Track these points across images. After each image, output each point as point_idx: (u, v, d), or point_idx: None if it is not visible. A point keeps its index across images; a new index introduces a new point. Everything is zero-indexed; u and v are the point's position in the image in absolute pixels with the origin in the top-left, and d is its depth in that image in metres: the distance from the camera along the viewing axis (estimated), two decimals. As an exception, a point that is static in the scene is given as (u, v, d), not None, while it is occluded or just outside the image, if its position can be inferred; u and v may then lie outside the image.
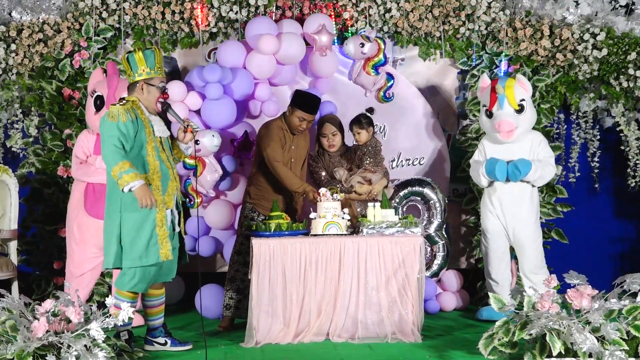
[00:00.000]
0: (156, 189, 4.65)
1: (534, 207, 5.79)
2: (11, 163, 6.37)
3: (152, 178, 4.66)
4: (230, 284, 5.61)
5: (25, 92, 6.34)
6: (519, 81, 5.73)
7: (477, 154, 5.92)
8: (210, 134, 5.85)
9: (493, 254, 5.81)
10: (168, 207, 4.71)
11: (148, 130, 4.69)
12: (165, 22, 6.36)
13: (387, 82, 6.46)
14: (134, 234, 4.60)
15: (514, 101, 5.65)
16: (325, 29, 6.21)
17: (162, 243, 4.64)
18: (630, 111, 6.66)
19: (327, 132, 5.90)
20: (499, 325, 4.26)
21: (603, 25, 6.46)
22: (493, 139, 5.80)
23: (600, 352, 3.99)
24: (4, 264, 5.60)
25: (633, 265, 6.72)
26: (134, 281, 4.63)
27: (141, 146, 4.65)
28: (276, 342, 4.97)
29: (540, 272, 5.70)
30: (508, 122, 5.65)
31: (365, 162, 5.85)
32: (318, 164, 5.91)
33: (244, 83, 6.08)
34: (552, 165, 5.78)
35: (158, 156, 4.71)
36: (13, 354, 3.87)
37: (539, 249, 5.81)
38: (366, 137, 5.93)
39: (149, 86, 4.74)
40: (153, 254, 4.61)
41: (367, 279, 5.07)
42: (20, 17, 6.32)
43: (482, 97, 5.87)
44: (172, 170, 4.79)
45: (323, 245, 5.06)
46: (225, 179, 6.09)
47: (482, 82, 5.89)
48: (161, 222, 4.64)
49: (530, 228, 5.76)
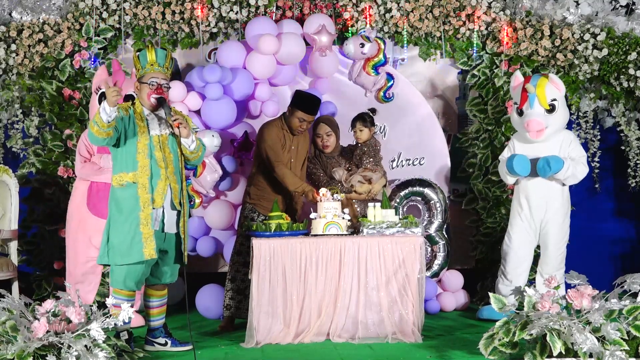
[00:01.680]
0: (142, 187, 4.63)
1: (563, 207, 5.67)
2: (11, 163, 6.37)
3: (140, 176, 4.65)
4: (231, 284, 5.61)
5: (25, 92, 6.34)
6: (552, 80, 5.58)
7: (506, 151, 5.82)
8: (210, 134, 5.85)
9: (514, 255, 5.72)
10: (156, 206, 4.69)
11: (141, 128, 4.68)
12: (166, 22, 6.37)
13: (387, 82, 6.46)
14: (118, 232, 4.63)
15: (545, 100, 5.57)
16: (325, 29, 6.21)
17: (146, 242, 4.61)
18: (630, 111, 6.66)
19: (322, 132, 5.89)
20: (500, 325, 4.25)
21: (603, 25, 6.46)
22: (523, 137, 5.69)
23: (601, 352, 3.98)
24: (4, 264, 5.60)
25: (633, 265, 6.72)
26: (121, 278, 4.65)
27: (132, 143, 4.65)
28: (276, 342, 4.96)
29: (558, 272, 5.63)
30: (537, 121, 5.56)
31: (365, 162, 5.85)
32: (315, 164, 5.91)
33: (244, 83, 6.08)
34: (584, 165, 5.64)
35: (150, 154, 4.69)
36: (13, 354, 3.86)
37: (562, 250, 5.71)
38: (367, 135, 5.93)
39: (141, 84, 4.76)
40: (136, 252, 4.60)
41: (368, 279, 5.07)
42: (20, 17, 6.32)
43: (514, 95, 5.77)
44: (165, 170, 4.72)
45: (323, 245, 5.06)
46: (225, 179, 6.10)
47: (514, 79, 5.75)
48: (145, 221, 4.62)
49: (557, 227, 5.65)
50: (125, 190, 4.64)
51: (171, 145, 4.78)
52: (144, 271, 4.70)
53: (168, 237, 4.77)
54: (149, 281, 4.86)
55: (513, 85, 5.78)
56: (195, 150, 4.85)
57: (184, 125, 4.71)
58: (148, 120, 4.74)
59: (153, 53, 4.74)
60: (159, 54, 4.76)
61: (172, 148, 4.79)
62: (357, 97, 6.51)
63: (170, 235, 4.78)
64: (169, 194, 4.73)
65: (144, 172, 4.65)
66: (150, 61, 4.74)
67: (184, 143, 4.78)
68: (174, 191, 4.75)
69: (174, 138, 4.77)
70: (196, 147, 4.84)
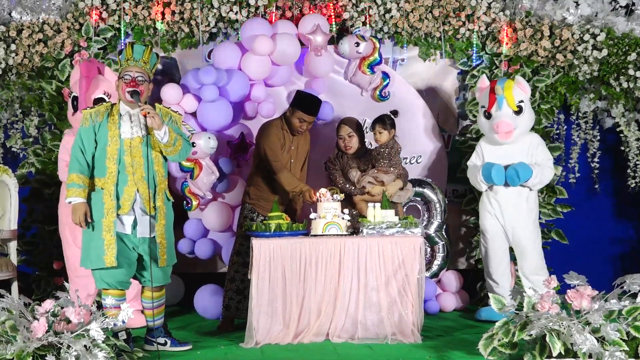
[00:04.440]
0: (107, 194, 4.64)
1: (532, 209, 5.80)
2: (11, 163, 6.37)
3: (107, 182, 4.66)
4: (230, 285, 5.61)
5: (25, 92, 6.34)
6: (518, 83, 5.73)
7: (475, 157, 5.91)
8: (207, 136, 5.84)
9: (493, 255, 5.81)
10: (122, 212, 4.66)
11: (112, 132, 4.67)
12: (165, 22, 6.36)
13: (383, 81, 6.44)
14: (85, 238, 4.71)
15: (513, 102, 5.65)
16: (319, 29, 6.20)
17: (107, 249, 4.61)
18: (630, 112, 6.66)
19: (344, 133, 5.85)
20: (499, 325, 4.25)
21: (603, 26, 6.46)
22: (491, 140, 5.80)
23: (600, 353, 3.98)
24: (4, 264, 5.59)
25: (633, 265, 6.72)
26: (98, 280, 4.70)
27: (102, 148, 4.66)
28: (276, 343, 4.96)
29: (541, 273, 5.70)
30: (507, 122, 5.64)
31: (379, 163, 5.79)
32: (335, 166, 5.87)
33: (240, 84, 6.06)
34: (551, 168, 5.78)
35: (119, 160, 4.67)
36: (13, 354, 3.86)
37: (538, 250, 5.81)
38: (387, 137, 5.85)
39: (119, 80, 4.78)
40: (96, 259, 4.62)
41: (367, 280, 5.07)
42: (20, 17, 6.32)
43: (481, 98, 5.87)
44: (133, 175, 4.68)
45: (323, 245, 5.06)
46: (222, 181, 6.08)
47: (481, 82, 5.89)
48: (108, 228, 4.62)
49: (529, 229, 5.76)
50: (96, 195, 4.68)
51: (143, 149, 4.72)
52: (121, 272, 4.67)
53: (142, 242, 4.74)
54: (142, 282, 4.88)
55: (479, 88, 5.88)
56: (170, 143, 4.70)
57: (151, 115, 4.61)
58: (121, 122, 4.70)
59: (130, 49, 4.75)
60: (136, 50, 4.75)
61: (143, 152, 4.71)
62: (353, 97, 6.50)
63: (144, 239, 4.74)
64: (139, 199, 4.71)
65: (110, 179, 4.66)
66: (126, 57, 4.75)
67: (156, 135, 4.67)
68: (144, 196, 4.70)
69: (147, 140, 4.70)
70: (170, 140, 4.69)
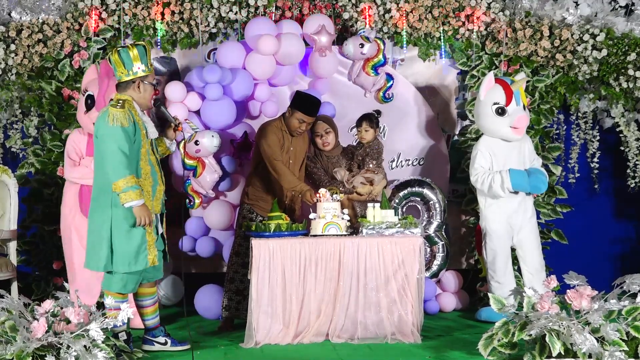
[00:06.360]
0: (147, 195, 4.62)
1: (533, 209, 5.85)
2: (11, 163, 6.38)
3: (144, 184, 4.62)
4: (230, 285, 5.61)
5: (24, 92, 6.34)
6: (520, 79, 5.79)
7: (480, 158, 5.72)
8: (210, 134, 5.84)
9: (499, 256, 5.76)
10: (155, 211, 4.69)
11: (143, 133, 4.65)
12: (165, 22, 6.36)
13: (387, 82, 6.45)
14: (124, 239, 4.57)
15: (525, 97, 5.62)
16: (324, 29, 6.21)
17: (150, 249, 4.63)
18: (629, 112, 6.66)
19: (320, 130, 5.87)
20: (499, 325, 4.26)
21: (603, 26, 6.46)
22: (503, 137, 5.69)
23: (600, 353, 3.99)
24: (4, 264, 5.59)
25: (633, 265, 6.72)
26: (121, 283, 4.64)
27: (137, 150, 4.60)
28: (276, 343, 4.96)
29: (542, 273, 5.70)
30: (525, 117, 5.59)
31: (367, 163, 5.82)
32: (316, 164, 5.90)
33: (244, 84, 6.07)
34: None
35: (149, 160, 4.68)
36: (12, 354, 3.86)
37: (539, 250, 5.84)
38: (372, 136, 5.90)
39: (144, 84, 4.68)
40: (142, 260, 4.61)
41: (367, 280, 5.07)
42: (19, 17, 6.32)
43: (490, 96, 5.71)
44: (160, 173, 4.76)
45: (323, 245, 5.06)
46: (225, 180, 6.09)
47: (489, 81, 5.74)
48: (150, 229, 4.63)
49: (534, 230, 5.79)
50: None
51: (156, 147, 4.83)
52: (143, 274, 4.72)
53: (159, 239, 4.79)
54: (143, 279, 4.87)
55: (487, 86, 5.71)
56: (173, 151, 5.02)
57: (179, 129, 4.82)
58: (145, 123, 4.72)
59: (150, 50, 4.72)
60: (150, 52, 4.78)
61: (156, 149, 4.83)
62: (357, 98, 6.50)
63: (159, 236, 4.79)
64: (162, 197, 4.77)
65: (147, 180, 4.64)
66: (149, 59, 4.69)
67: (167, 144, 4.84)
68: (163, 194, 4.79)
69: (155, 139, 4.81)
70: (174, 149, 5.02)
